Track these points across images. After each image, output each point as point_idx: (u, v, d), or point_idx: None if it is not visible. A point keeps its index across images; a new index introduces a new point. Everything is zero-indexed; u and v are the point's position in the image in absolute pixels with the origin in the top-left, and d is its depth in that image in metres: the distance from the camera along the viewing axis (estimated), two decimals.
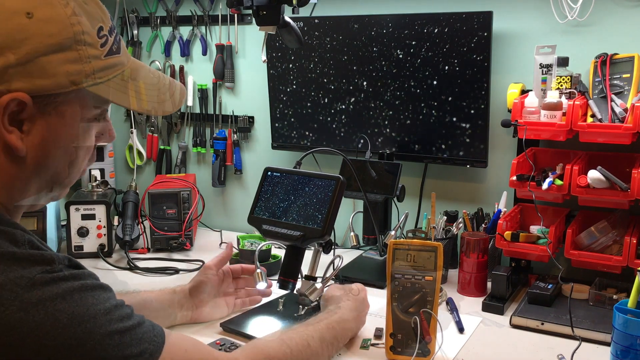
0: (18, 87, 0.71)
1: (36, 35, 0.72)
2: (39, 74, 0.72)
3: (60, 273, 0.72)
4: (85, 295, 0.73)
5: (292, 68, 2.05)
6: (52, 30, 0.73)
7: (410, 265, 1.28)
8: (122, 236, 2.00)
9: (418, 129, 1.88)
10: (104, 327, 0.73)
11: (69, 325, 0.70)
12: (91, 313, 0.72)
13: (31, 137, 0.76)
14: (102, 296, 0.75)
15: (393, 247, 1.29)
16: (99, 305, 0.74)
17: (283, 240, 1.43)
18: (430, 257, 1.27)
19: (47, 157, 0.78)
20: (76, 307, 0.71)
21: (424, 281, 1.27)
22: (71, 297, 0.71)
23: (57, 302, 0.70)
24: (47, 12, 0.72)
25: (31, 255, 0.71)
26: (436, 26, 1.79)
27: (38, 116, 0.75)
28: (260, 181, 1.50)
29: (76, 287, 0.72)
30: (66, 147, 0.80)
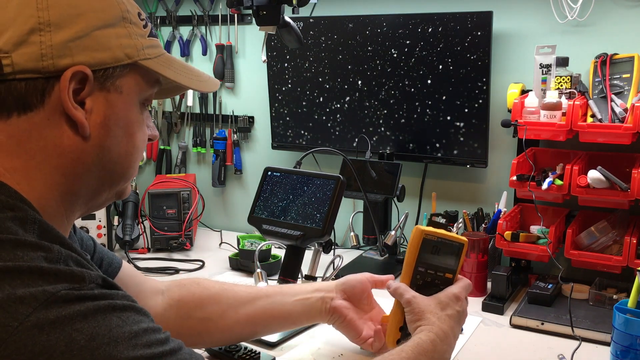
0: (79, 61, 0.72)
1: (88, 11, 0.73)
2: (97, 47, 0.73)
3: (88, 292, 0.66)
4: (111, 316, 0.66)
5: (288, 67, 2.05)
6: (102, 6, 0.75)
7: (434, 259, 1.14)
8: (122, 236, 2.00)
9: (413, 127, 1.89)
10: (127, 352, 0.65)
11: (86, 348, 0.62)
12: (113, 335, 0.64)
13: (94, 115, 0.74)
14: (131, 318, 0.68)
15: (423, 237, 1.13)
16: (125, 327, 0.66)
17: (283, 240, 1.43)
18: (455, 253, 1.15)
19: (109, 137, 0.76)
20: (97, 327, 0.64)
21: (444, 277, 1.15)
22: (94, 317, 0.64)
23: (76, 321, 0.63)
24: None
25: (59, 271, 0.65)
26: (430, 26, 1.79)
27: (97, 93, 0.74)
28: (260, 181, 1.50)
29: (102, 306, 0.66)
30: (126, 128, 0.79)
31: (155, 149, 2.45)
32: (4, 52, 0.69)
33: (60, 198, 0.76)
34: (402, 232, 1.92)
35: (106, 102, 0.75)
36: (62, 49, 0.71)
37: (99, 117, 0.75)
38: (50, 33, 0.70)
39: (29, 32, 0.69)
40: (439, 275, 1.15)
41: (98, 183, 0.79)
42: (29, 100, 0.71)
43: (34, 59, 0.69)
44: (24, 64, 0.69)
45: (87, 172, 0.76)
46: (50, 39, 0.70)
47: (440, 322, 1.03)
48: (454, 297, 1.09)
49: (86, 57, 0.72)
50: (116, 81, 0.76)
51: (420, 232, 1.14)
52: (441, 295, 1.09)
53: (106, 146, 0.77)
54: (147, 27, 0.81)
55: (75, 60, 0.71)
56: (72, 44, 0.71)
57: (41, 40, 0.69)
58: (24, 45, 0.69)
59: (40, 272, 0.64)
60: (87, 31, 0.72)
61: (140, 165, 2.49)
